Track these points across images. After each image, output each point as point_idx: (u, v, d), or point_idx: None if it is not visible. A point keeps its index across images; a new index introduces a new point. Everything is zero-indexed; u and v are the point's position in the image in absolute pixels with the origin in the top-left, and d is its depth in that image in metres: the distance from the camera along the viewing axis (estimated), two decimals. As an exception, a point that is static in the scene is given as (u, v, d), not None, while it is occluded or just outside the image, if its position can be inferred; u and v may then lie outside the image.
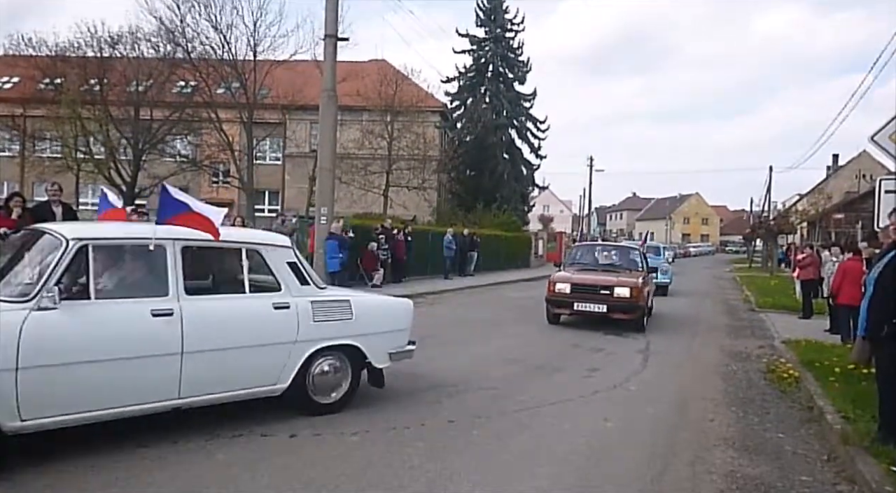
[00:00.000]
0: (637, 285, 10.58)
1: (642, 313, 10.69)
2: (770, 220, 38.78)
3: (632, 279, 10.84)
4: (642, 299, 10.57)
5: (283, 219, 15.03)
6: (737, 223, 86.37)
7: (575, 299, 10.65)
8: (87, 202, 26.89)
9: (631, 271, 11.39)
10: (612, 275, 11.09)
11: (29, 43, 23.44)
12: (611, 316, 10.51)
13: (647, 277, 11.39)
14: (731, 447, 4.97)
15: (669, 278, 19.01)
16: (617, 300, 10.40)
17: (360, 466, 4.20)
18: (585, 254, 12.74)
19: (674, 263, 19.87)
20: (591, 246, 13.86)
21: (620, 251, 12.82)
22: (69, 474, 3.85)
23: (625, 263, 11.98)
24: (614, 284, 10.57)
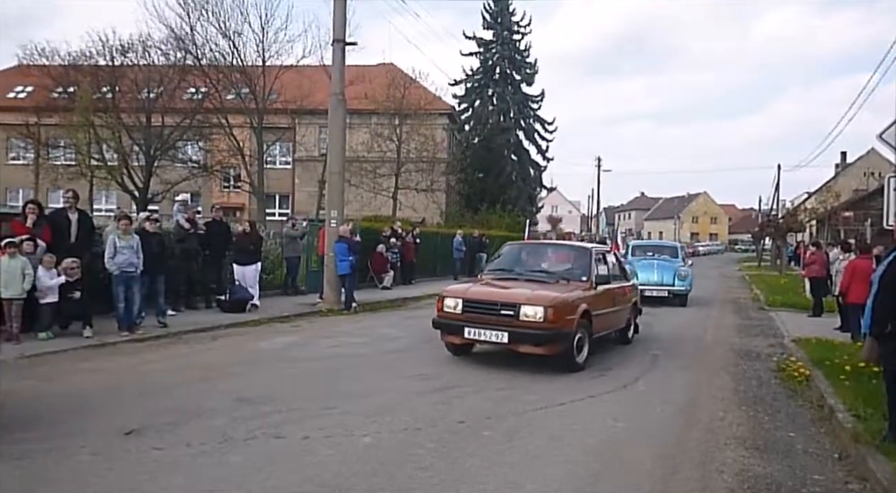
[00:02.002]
0: (560, 302, 7.16)
1: (568, 346, 7.18)
2: (779, 218, 38.55)
3: (556, 294, 7.38)
4: (568, 323, 7.13)
5: (293, 222, 15.12)
6: (745, 222, 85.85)
7: (467, 321, 7.34)
8: (100, 208, 27.19)
9: (569, 283, 7.90)
10: (533, 287, 7.71)
11: (42, 53, 23.77)
12: (515, 350, 7.24)
13: (592, 290, 7.97)
14: (742, 446, 4.98)
15: (689, 284, 15.59)
16: (523, 325, 6.99)
17: (372, 467, 4.24)
18: (514, 257, 9.12)
19: (693, 265, 17.20)
20: (524, 247, 10.05)
21: (565, 254, 9.11)
22: (86, 475, 3.92)
23: (567, 270, 8.37)
24: (522, 300, 7.12)
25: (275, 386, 6.30)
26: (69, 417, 5.06)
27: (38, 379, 6.32)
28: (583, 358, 7.53)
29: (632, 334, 9.69)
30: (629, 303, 9.42)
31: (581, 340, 7.49)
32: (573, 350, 7.32)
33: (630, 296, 9.53)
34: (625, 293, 9.27)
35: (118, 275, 8.51)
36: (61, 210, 9.05)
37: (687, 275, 15.53)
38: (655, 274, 15.33)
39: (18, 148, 29.34)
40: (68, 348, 7.65)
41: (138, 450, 4.34)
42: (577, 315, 7.31)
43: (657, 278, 15.27)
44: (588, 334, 7.63)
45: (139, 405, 5.41)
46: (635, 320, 9.80)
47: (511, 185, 36.07)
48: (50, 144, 25.38)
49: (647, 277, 15.04)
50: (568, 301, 7.37)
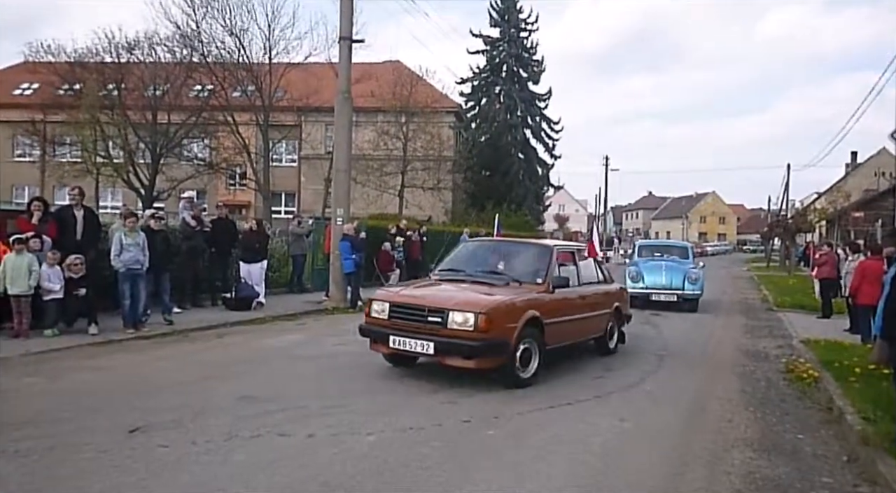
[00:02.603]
0: (495, 307, 6.18)
1: (507, 359, 6.24)
2: (788, 218, 38.36)
3: (493, 298, 6.41)
4: (506, 332, 6.17)
5: (299, 220, 15.12)
6: (754, 222, 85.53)
7: (393, 329, 6.43)
8: (106, 206, 27.29)
9: (521, 285, 6.94)
10: (474, 290, 6.76)
11: (48, 50, 23.87)
12: (443, 362, 6.26)
13: (548, 293, 6.97)
14: (750, 448, 4.93)
15: (700, 288, 14.19)
16: (452, 334, 6.04)
17: (377, 466, 4.22)
18: (467, 256, 8.14)
19: (704, 267, 15.57)
20: (479, 245, 8.94)
21: (522, 253, 7.89)
22: (92, 473, 3.91)
23: (522, 271, 7.30)
24: (450, 305, 6.19)
25: (280, 384, 6.29)
26: (74, 414, 5.06)
27: (44, 376, 6.32)
28: (530, 373, 6.52)
29: (615, 343, 8.68)
30: (608, 309, 8.37)
31: (528, 352, 6.48)
32: (515, 364, 6.31)
33: (610, 301, 8.50)
34: (601, 298, 8.25)
35: (124, 272, 8.52)
36: (67, 207, 9.06)
37: (698, 278, 14.24)
38: (663, 277, 14.29)
39: (24, 145, 29.51)
40: (74, 345, 7.66)
41: (144, 448, 4.33)
42: (519, 323, 6.30)
43: (665, 280, 14.22)
44: (539, 345, 6.60)
45: (144, 403, 5.41)
46: (620, 328, 8.85)
47: (518, 183, 36.02)
48: (56, 141, 25.50)
49: (655, 279, 14.26)
50: (507, 306, 6.35)
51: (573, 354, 8.53)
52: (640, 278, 14.30)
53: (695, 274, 14.28)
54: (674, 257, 15.46)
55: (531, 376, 6.55)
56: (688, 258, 15.39)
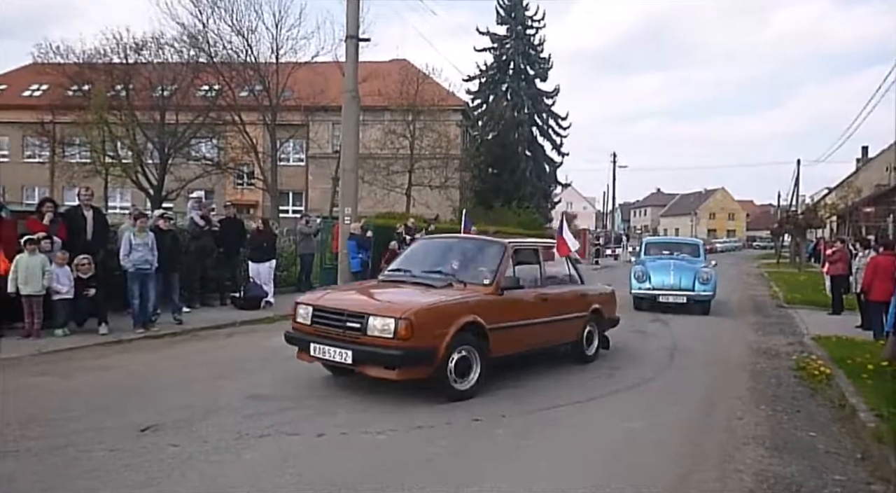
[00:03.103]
0: (420, 312, 5.57)
1: (431, 369, 5.62)
2: (798, 214, 38.12)
3: (420, 301, 5.86)
4: (433, 340, 5.57)
5: (307, 219, 15.15)
6: (764, 218, 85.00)
7: (314, 335, 5.92)
8: (115, 206, 27.43)
9: (465, 287, 6.30)
10: (408, 293, 6.28)
11: (57, 51, 23.98)
12: (363, 373, 5.71)
13: (495, 295, 6.30)
14: (761, 446, 4.90)
15: (712, 288, 13.06)
16: (371, 342, 5.51)
17: (387, 464, 4.22)
18: (416, 255, 7.48)
19: (716, 265, 14.54)
20: (431, 243, 8.13)
21: (471, 251, 7.21)
22: (103, 471, 3.93)
23: (468, 270, 6.70)
24: (371, 310, 5.70)
25: (289, 383, 6.30)
26: (85, 413, 5.09)
27: (55, 375, 6.36)
28: (469, 384, 5.86)
29: (594, 349, 7.92)
30: (582, 312, 7.64)
31: (465, 361, 5.83)
32: (448, 375, 5.69)
33: (586, 303, 7.77)
34: (573, 300, 7.56)
35: (133, 272, 8.56)
36: (77, 208, 9.12)
37: (710, 277, 13.10)
38: (672, 276, 13.24)
39: (34, 146, 29.68)
40: (84, 344, 7.71)
41: (154, 447, 4.35)
42: (451, 329, 5.64)
43: (674, 280, 13.17)
44: (480, 354, 5.94)
45: (155, 402, 5.43)
46: (603, 333, 8.15)
47: (525, 181, 35.95)
48: (65, 142, 25.64)
49: (662, 279, 13.26)
50: (435, 310, 5.74)
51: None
52: (646, 277, 13.37)
53: (706, 273, 13.21)
54: (684, 254, 14.42)
55: (471, 388, 5.87)
56: (699, 256, 14.40)
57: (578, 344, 7.70)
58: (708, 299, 13.07)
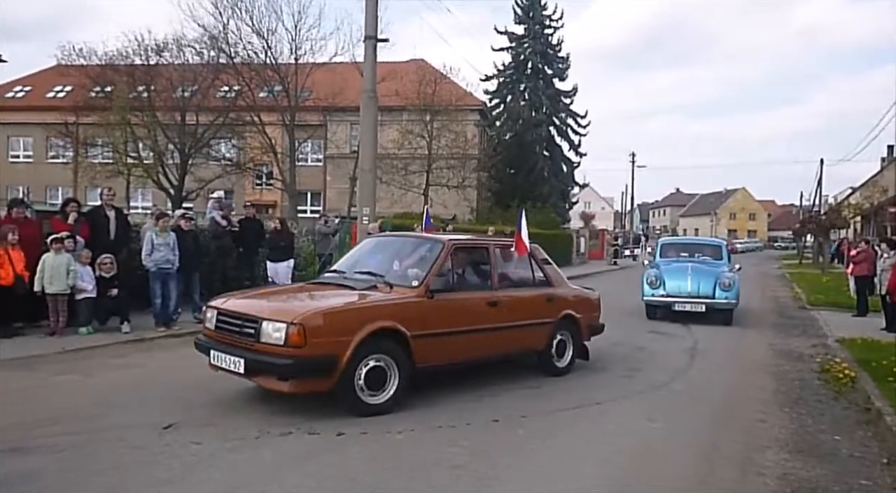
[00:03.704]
0: (315, 316, 5.04)
1: (331, 380, 5.05)
2: (821, 214, 37.57)
3: (317, 304, 5.40)
4: (330, 347, 4.98)
5: (325, 219, 15.21)
6: (786, 218, 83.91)
7: (215, 341, 5.50)
8: (136, 206, 27.80)
9: (391, 289, 5.71)
10: (323, 295, 5.81)
11: (80, 53, 24.35)
12: (257, 383, 5.35)
13: (423, 298, 5.67)
14: (784, 449, 4.84)
15: (735, 296, 11.56)
16: (264, 350, 5.00)
17: (407, 464, 4.23)
18: (360, 254, 7.00)
19: (741, 269, 13.21)
20: (376, 241, 7.33)
21: (410, 249, 6.62)
22: (126, 468, 3.98)
23: (401, 271, 6.24)
24: (265, 314, 5.16)
25: None
26: (108, 411, 5.16)
27: (79, 373, 6.46)
28: (384, 397, 5.28)
29: (568, 361, 7.13)
30: (548, 318, 6.89)
31: (379, 371, 5.26)
32: (355, 386, 5.13)
33: (555, 309, 6.99)
34: (535, 305, 6.82)
35: (155, 272, 8.67)
36: (99, 208, 9.25)
37: (732, 283, 11.59)
38: (689, 282, 11.72)
39: (58, 147, 30.14)
40: (107, 343, 7.82)
41: (176, 444, 4.40)
42: (357, 336, 5.08)
43: (691, 287, 11.66)
44: (399, 364, 5.36)
45: (176, 400, 5.49)
46: (581, 342, 7.37)
47: (543, 181, 35.80)
48: (88, 142, 26.01)
49: (678, 285, 11.77)
50: (335, 315, 5.18)
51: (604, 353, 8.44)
52: (660, 283, 11.91)
53: (728, 278, 11.65)
54: (704, 257, 12.96)
55: (387, 402, 5.29)
56: (721, 259, 12.88)
57: (546, 354, 6.90)
58: (730, 307, 11.57)
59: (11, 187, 31.08)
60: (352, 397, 5.15)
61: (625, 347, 9.00)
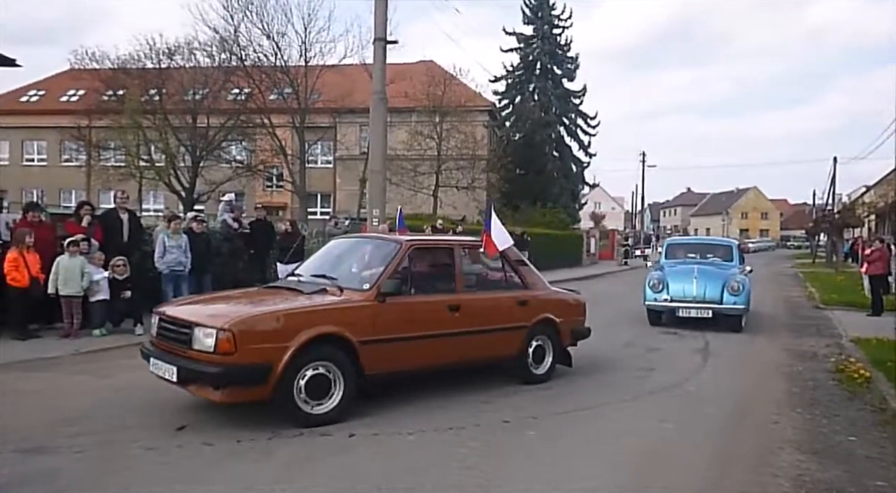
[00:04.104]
0: (247, 322, 4.83)
1: (267, 389, 4.77)
2: (835, 213, 37.24)
3: (252, 309, 5.18)
4: (262, 355, 4.71)
5: (335, 221, 15.27)
6: (798, 217, 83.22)
7: (155, 348, 5.30)
8: (148, 208, 28.00)
9: (342, 292, 5.46)
10: (266, 300, 5.53)
11: (92, 57, 24.58)
12: (190, 392, 5.04)
13: (373, 302, 5.36)
14: (798, 450, 4.80)
15: (744, 301, 10.62)
16: (196, 357, 4.78)
17: (417, 465, 4.24)
18: (321, 256, 6.68)
19: (752, 271, 12.37)
20: (338, 243, 6.96)
21: (366, 251, 6.37)
22: (141, 468, 4.02)
23: (355, 273, 6.01)
24: (198, 319, 4.94)
25: None
26: (123, 412, 5.21)
27: (93, 375, 6.52)
28: (328, 408, 4.99)
29: (547, 368, 6.71)
30: (522, 322, 6.45)
31: (321, 380, 4.97)
32: (294, 396, 4.85)
33: (529, 313, 6.54)
34: (506, 308, 6.41)
35: (167, 274, 8.74)
36: (112, 211, 9.34)
37: (741, 287, 10.62)
38: (695, 285, 10.81)
39: (71, 150, 30.41)
40: (120, 344, 7.87)
41: (190, 445, 4.43)
42: (294, 342, 4.79)
43: (697, 290, 10.76)
44: (345, 372, 5.06)
45: (189, 402, 5.50)
46: (562, 348, 6.91)
47: (553, 181, 35.73)
48: (101, 145, 26.24)
49: (682, 288, 10.87)
50: (267, 321, 4.89)
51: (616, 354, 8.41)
52: (663, 286, 11.03)
53: (738, 282, 10.71)
54: (714, 258, 12.08)
55: (331, 412, 4.99)
56: (731, 261, 11.96)
57: (521, 361, 6.49)
58: (739, 313, 10.68)
59: (26, 190, 31.46)
60: (291, 406, 4.87)
61: (636, 347, 8.97)
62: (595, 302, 11.38)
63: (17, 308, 7.88)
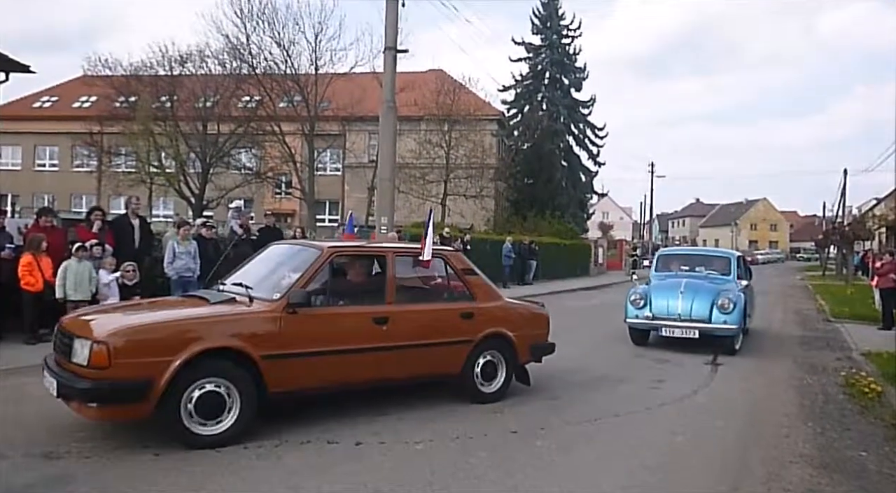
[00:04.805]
0: (122, 332, 4.44)
1: (148, 406, 4.37)
2: (845, 225, 37.00)
3: (131, 320, 4.84)
4: (145, 369, 4.32)
5: (343, 229, 15.29)
6: (808, 229, 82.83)
7: (50, 360, 4.85)
8: (158, 214, 28.18)
9: (251, 302, 5.03)
10: (161, 309, 5.32)
11: (105, 64, 24.91)
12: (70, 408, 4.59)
13: (280, 314, 4.93)
14: (809, 465, 4.75)
15: (736, 320, 9.31)
16: (73, 370, 4.42)
17: (425, 475, 4.22)
18: (250, 263, 6.27)
19: (748, 286, 10.95)
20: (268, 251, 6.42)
21: (284, 258, 5.93)
22: (150, 474, 4.02)
23: (272, 281, 5.43)
24: (77, 330, 4.62)
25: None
26: (131, 417, 5.20)
27: (102, 379, 6.51)
28: (220, 429, 4.56)
29: (499, 385, 6.19)
30: (465, 337, 5.94)
31: (214, 398, 4.55)
32: (180, 414, 4.44)
33: (476, 326, 6.01)
34: (438, 322, 5.92)
35: (176, 280, 8.77)
36: (124, 216, 9.39)
37: (733, 304, 9.29)
38: (680, 301, 9.49)
39: (83, 156, 30.72)
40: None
41: (198, 452, 4.42)
42: (179, 357, 4.38)
43: (682, 307, 9.45)
44: (243, 389, 4.63)
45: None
46: (518, 365, 6.38)
47: (561, 191, 35.70)
48: (112, 151, 26.50)
49: (666, 304, 9.57)
50: (149, 332, 4.54)
51: (626, 365, 8.37)
52: (645, 302, 9.76)
53: (729, 298, 9.35)
54: (710, 271, 10.70)
55: (225, 433, 4.57)
56: (728, 274, 10.50)
57: (466, 378, 5.98)
58: (730, 334, 9.31)
59: (37, 195, 31.75)
60: (178, 425, 4.46)
61: (645, 358, 8.92)
62: (603, 312, 11.37)
63: (30, 312, 7.93)
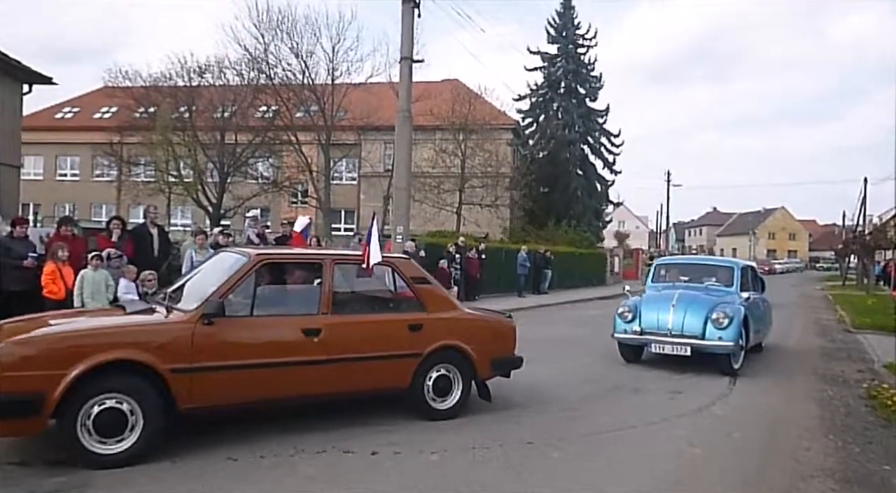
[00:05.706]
0: (16, 344, 4.21)
1: (40, 422, 4.15)
2: (865, 234, 36.49)
3: (40, 331, 4.50)
4: (34, 383, 4.07)
5: (359, 238, 15.36)
6: (827, 238, 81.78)
7: None
8: (176, 223, 28.48)
9: (168, 313, 4.89)
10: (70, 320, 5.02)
11: (125, 75, 25.28)
12: None
13: (194, 325, 4.65)
14: (831, 478, 4.66)
15: (733, 336, 8.34)
16: None
17: (440, 485, 4.20)
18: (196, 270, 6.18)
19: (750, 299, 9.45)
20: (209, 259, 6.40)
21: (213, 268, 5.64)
22: (164, 480, 4.06)
23: (197, 291, 5.15)
24: None
25: (344, 400, 6.28)
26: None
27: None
28: (122, 447, 4.28)
29: (455, 402, 5.84)
30: (407, 350, 5.61)
31: (112, 414, 4.26)
32: (78, 432, 4.17)
33: (422, 339, 5.66)
34: (379, 334, 5.57)
35: (194, 287, 8.82)
36: (143, 225, 9.50)
37: (729, 319, 8.35)
38: (671, 315, 8.64)
39: (103, 166, 31.13)
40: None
41: (214, 459, 4.45)
42: (74, 370, 4.12)
43: (673, 321, 8.58)
44: (148, 405, 4.36)
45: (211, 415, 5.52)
46: (476, 380, 6.00)
47: (577, 200, 35.62)
48: (131, 161, 26.84)
49: (656, 318, 8.75)
50: (40, 344, 4.26)
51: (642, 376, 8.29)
52: (634, 315, 8.96)
53: (725, 312, 8.43)
54: (713, 281, 9.82)
55: (127, 451, 4.29)
56: (731, 286, 9.49)
57: (416, 394, 5.65)
58: (725, 351, 8.35)
59: (58, 204, 32.22)
60: (76, 444, 4.19)
61: (661, 369, 8.82)
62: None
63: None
